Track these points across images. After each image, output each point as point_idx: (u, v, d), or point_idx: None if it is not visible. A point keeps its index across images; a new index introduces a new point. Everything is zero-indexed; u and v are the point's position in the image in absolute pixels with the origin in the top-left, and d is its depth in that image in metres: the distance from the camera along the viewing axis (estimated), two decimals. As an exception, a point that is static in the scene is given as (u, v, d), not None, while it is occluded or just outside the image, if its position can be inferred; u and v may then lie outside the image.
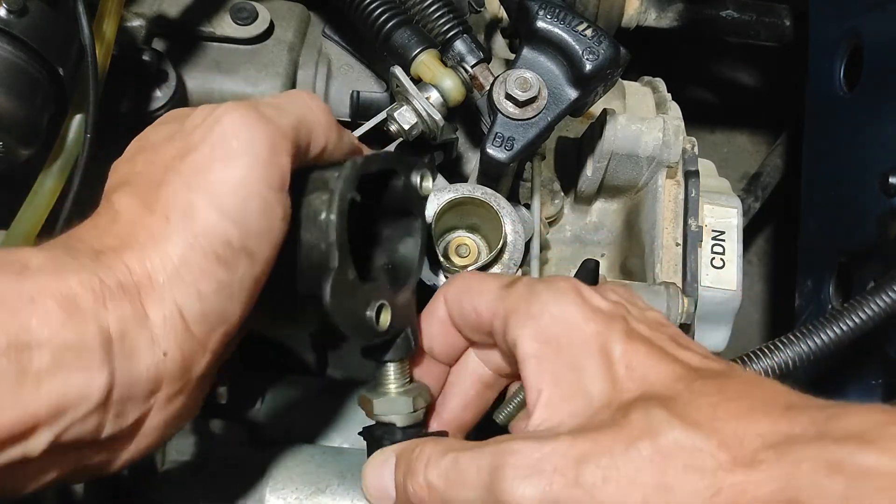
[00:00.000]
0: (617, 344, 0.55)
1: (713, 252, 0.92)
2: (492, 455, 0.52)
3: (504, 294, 0.60)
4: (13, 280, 0.45)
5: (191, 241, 0.50)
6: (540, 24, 0.75)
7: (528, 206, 0.91)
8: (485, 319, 0.61)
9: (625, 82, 1.06)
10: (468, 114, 0.88)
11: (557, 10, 0.75)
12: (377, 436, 0.64)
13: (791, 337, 0.73)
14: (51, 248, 0.50)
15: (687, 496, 0.47)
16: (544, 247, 0.95)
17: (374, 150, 0.96)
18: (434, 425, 0.67)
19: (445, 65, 0.82)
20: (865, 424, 0.46)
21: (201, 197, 0.51)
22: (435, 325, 0.65)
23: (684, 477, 0.47)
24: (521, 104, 0.75)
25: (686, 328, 0.89)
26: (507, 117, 0.76)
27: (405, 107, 0.79)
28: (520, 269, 0.81)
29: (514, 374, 0.65)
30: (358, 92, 0.99)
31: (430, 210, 0.79)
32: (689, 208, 0.92)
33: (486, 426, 0.67)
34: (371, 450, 0.63)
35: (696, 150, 0.95)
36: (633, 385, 0.53)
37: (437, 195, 0.80)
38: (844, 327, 0.73)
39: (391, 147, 0.87)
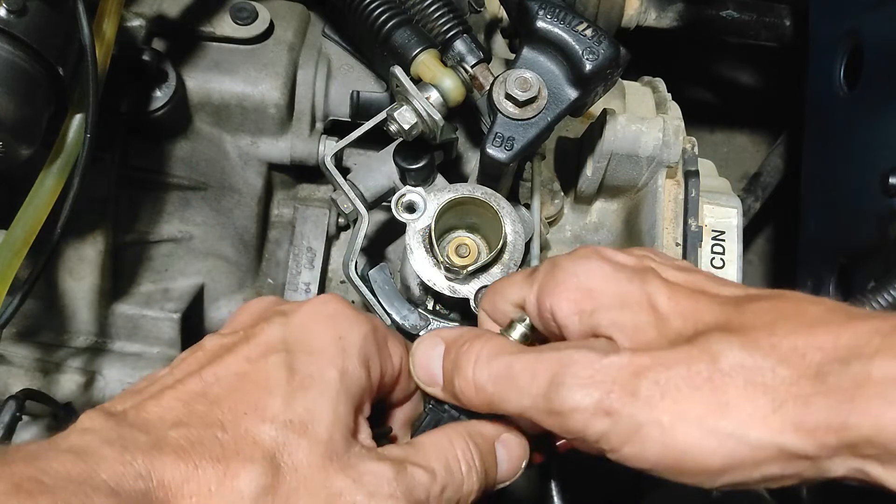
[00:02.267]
0: (660, 295, 0.54)
1: (713, 252, 0.92)
2: (549, 362, 0.52)
3: (530, 279, 0.60)
4: None
5: None
6: (540, 23, 0.75)
7: (528, 206, 0.91)
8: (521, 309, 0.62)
9: (625, 82, 1.06)
10: (468, 114, 0.88)
11: (557, 10, 0.75)
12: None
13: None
14: None
15: (748, 412, 0.47)
16: (544, 247, 0.95)
17: (375, 150, 0.96)
18: None
19: (445, 65, 0.82)
20: None
21: None
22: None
23: (744, 393, 0.47)
24: (521, 104, 0.75)
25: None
26: (507, 117, 0.76)
27: (405, 107, 0.79)
28: (520, 270, 0.81)
29: None
30: (358, 92, 0.99)
31: (430, 210, 0.79)
32: (689, 208, 0.92)
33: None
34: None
35: (696, 150, 0.95)
36: (687, 324, 0.52)
37: (437, 195, 0.80)
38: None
39: (391, 147, 0.87)
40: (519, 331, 0.61)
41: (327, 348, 0.56)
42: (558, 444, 0.65)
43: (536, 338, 0.62)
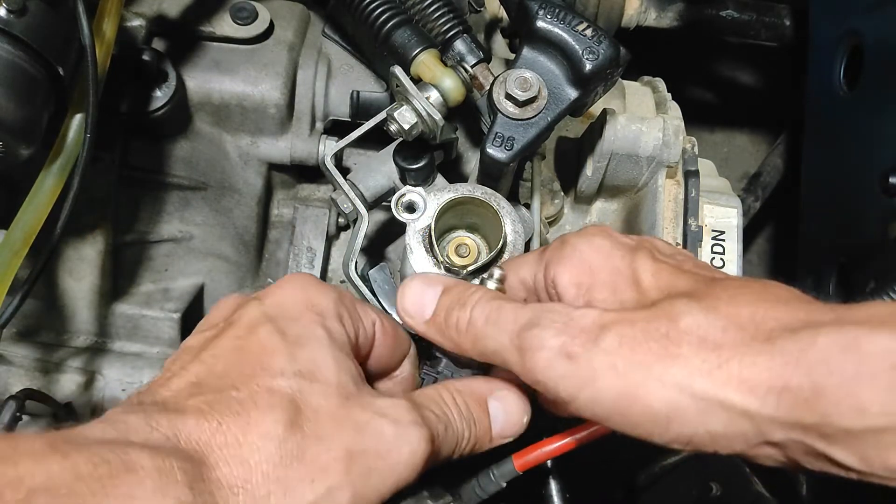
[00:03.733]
0: (645, 267, 0.58)
1: (713, 252, 0.92)
2: (531, 310, 0.57)
3: (540, 255, 0.65)
4: None
5: None
6: (540, 23, 0.75)
7: (528, 206, 0.91)
8: (529, 284, 0.66)
9: (625, 82, 1.06)
10: (468, 114, 0.88)
11: (557, 10, 0.75)
12: None
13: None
14: (183, 468, 0.47)
15: (695, 365, 0.49)
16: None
17: (375, 150, 0.96)
18: None
19: (445, 65, 0.82)
20: (883, 312, 0.48)
21: None
22: None
23: (695, 349, 0.50)
24: (521, 104, 0.75)
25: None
26: (507, 117, 0.76)
27: (405, 107, 0.79)
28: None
29: None
30: (358, 92, 0.99)
31: (430, 210, 0.79)
32: (689, 208, 0.92)
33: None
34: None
35: (696, 150, 0.95)
36: (659, 293, 0.56)
37: (437, 195, 0.80)
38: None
39: (391, 147, 0.87)
40: (489, 284, 0.65)
41: (305, 314, 0.59)
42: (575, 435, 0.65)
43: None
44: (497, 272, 0.66)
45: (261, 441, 0.50)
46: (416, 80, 0.81)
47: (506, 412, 0.64)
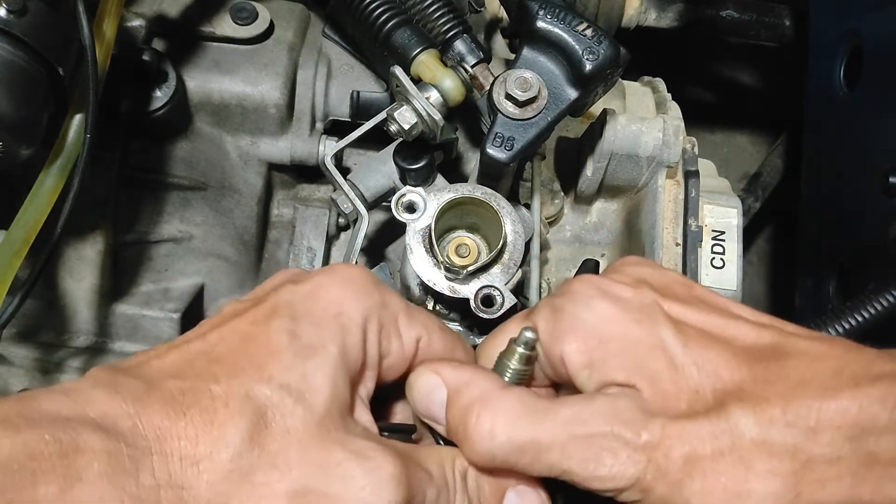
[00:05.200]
0: (673, 342, 0.54)
1: (713, 252, 0.92)
2: (581, 441, 0.52)
3: (525, 319, 0.60)
4: (60, 491, 0.44)
5: None
6: (540, 23, 0.75)
7: (528, 206, 0.91)
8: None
9: (625, 82, 1.06)
10: (468, 114, 0.88)
11: (557, 10, 0.75)
12: None
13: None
14: (128, 439, 0.47)
15: (770, 500, 0.49)
16: (544, 247, 0.95)
17: (375, 150, 0.96)
18: None
19: (445, 65, 0.82)
20: None
21: None
22: None
23: (764, 478, 0.49)
24: (521, 104, 0.75)
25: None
26: (507, 117, 0.76)
27: (405, 107, 0.79)
28: (520, 270, 0.81)
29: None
30: (358, 92, 0.99)
31: (430, 210, 0.79)
32: (689, 208, 0.92)
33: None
34: None
35: (696, 150, 0.95)
36: (702, 378, 0.53)
37: (437, 195, 0.80)
38: (845, 326, 0.73)
39: (391, 147, 0.87)
40: (519, 354, 0.58)
41: (328, 322, 0.55)
42: None
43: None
44: (528, 335, 0.57)
45: (215, 446, 0.48)
46: (416, 80, 0.81)
47: None
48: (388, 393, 0.64)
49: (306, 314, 0.55)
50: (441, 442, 0.60)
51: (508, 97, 0.75)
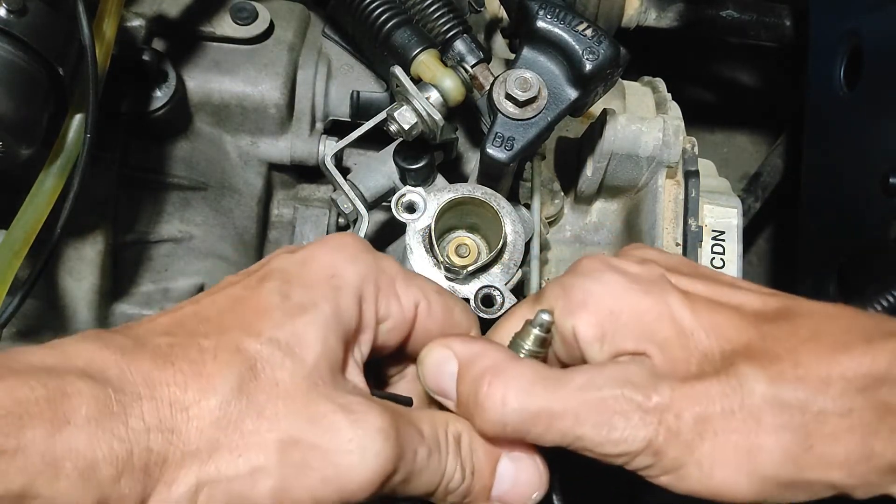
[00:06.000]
0: (681, 309, 0.55)
1: (713, 252, 0.92)
2: (593, 406, 0.52)
3: (535, 301, 0.60)
4: (48, 435, 0.44)
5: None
6: (540, 23, 0.75)
7: (528, 206, 0.91)
8: None
9: (625, 82, 1.06)
10: (468, 114, 0.88)
11: (557, 10, 0.75)
12: None
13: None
14: (115, 385, 0.47)
15: (780, 455, 0.49)
16: (544, 247, 0.95)
17: (375, 150, 0.96)
18: None
19: (445, 65, 0.82)
20: None
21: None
22: None
23: (775, 434, 0.49)
24: (521, 104, 0.75)
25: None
26: (507, 117, 0.76)
27: (405, 107, 0.79)
28: (520, 270, 0.81)
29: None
30: (358, 92, 0.99)
31: (430, 210, 0.79)
32: (689, 208, 0.92)
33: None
34: None
35: (696, 150, 0.94)
36: (711, 341, 0.53)
37: (437, 195, 0.80)
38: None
39: (391, 147, 0.87)
40: (535, 336, 0.58)
41: (321, 283, 0.55)
42: None
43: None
44: (544, 317, 0.57)
45: (204, 394, 0.48)
46: (416, 80, 0.81)
47: (516, 479, 0.57)
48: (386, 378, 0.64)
49: (298, 277, 0.55)
50: None
51: (508, 97, 0.75)
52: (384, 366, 0.65)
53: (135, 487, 0.45)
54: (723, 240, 0.93)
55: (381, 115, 0.82)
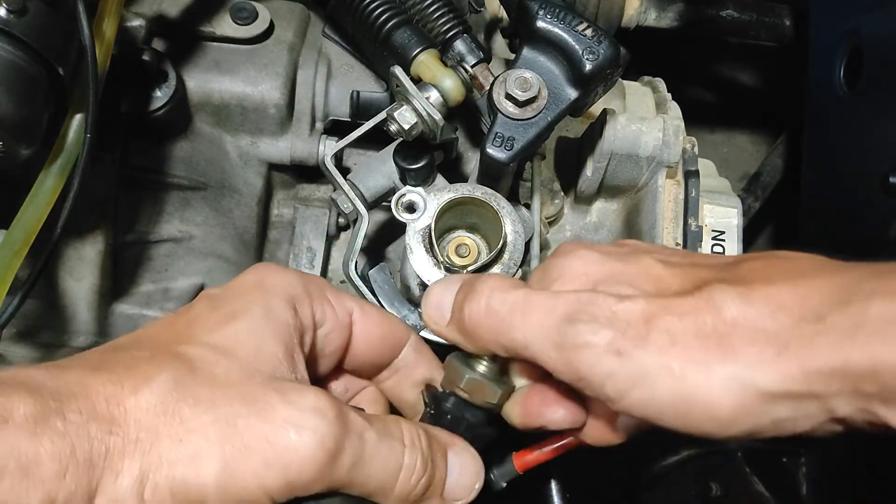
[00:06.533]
0: (655, 266, 0.55)
1: (713, 252, 0.92)
2: (567, 299, 0.53)
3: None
4: None
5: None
6: (540, 23, 0.75)
7: (528, 206, 0.91)
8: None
9: (625, 82, 1.06)
10: (468, 114, 0.88)
11: (557, 10, 0.75)
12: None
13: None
14: (53, 393, 0.47)
15: (754, 358, 0.48)
16: (544, 247, 0.95)
17: (375, 150, 0.96)
18: None
19: (445, 65, 0.82)
20: None
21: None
22: None
23: (749, 341, 0.48)
24: (521, 104, 0.75)
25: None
26: (507, 117, 0.76)
27: (405, 107, 0.79)
28: (520, 269, 0.81)
29: None
30: (358, 92, 0.99)
31: (430, 210, 0.79)
32: (689, 208, 0.92)
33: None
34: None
35: (696, 150, 0.95)
36: (685, 282, 0.53)
37: (437, 195, 0.80)
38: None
39: (391, 147, 0.87)
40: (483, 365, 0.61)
41: (249, 291, 0.57)
42: (553, 447, 0.64)
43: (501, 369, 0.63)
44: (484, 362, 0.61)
45: (141, 390, 0.49)
46: (416, 80, 0.81)
47: (460, 472, 0.59)
48: None
49: (226, 291, 0.57)
50: (436, 409, 0.62)
51: (508, 97, 0.75)
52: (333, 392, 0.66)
53: (81, 482, 0.46)
54: (723, 240, 0.93)
55: (381, 115, 0.82)
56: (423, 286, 0.84)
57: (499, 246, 0.77)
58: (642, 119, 0.91)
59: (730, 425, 0.49)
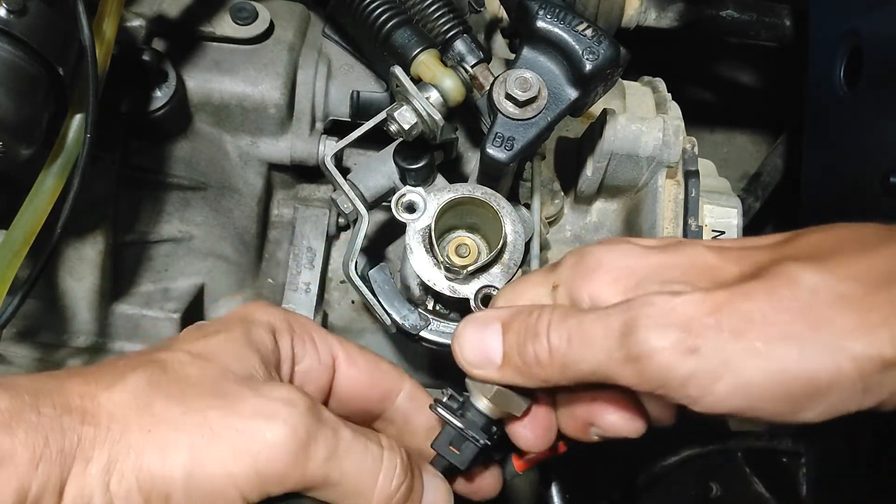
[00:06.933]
0: (705, 254, 0.52)
1: (713, 252, 0.92)
2: (622, 312, 0.49)
3: (548, 273, 0.59)
4: None
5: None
6: (540, 23, 0.75)
7: (528, 206, 0.91)
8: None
9: (625, 82, 1.06)
10: (468, 114, 0.88)
11: (557, 10, 0.75)
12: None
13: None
14: (29, 391, 0.49)
15: (845, 326, 0.45)
16: (544, 247, 0.95)
17: (375, 150, 0.96)
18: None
19: (445, 65, 0.82)
20: None
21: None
22: None
23: (834, 310, 0.45)
24: (521, 104, 0.75)
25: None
26: (507, 117, 0.76)
27: (405, 107, 0.79)
28: (520, 269, 0.81)
29: None
30: (358, 92, 0.99)
31: (430, 210, 0.79)
32: (689, 208, 0.92)
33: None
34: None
35: (696, 150, 0.95)
36: (744, 266, 0.51)
37: (437, 195, 0.80)
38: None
39: (391, 147, 0.87)
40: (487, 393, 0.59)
41: (233, 320, 0.59)
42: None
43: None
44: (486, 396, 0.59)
45: (112, 385, 0.51)
46: (416, 80, 0.81)
47: (434, 494, 0.58)
48: None
49: (212, 320, 0.61)
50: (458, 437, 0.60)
51: (508, 97, 0.75)
52: None
53: (53, 472, 0.47)
54: (723, 240, 0.93)
55: (381, 115, 0.82)
56: (423, 286, 0.84)
57: (499, 246, 0.77)
58: (642, 119, 0.91)
59: (823, 398, 0.46)
